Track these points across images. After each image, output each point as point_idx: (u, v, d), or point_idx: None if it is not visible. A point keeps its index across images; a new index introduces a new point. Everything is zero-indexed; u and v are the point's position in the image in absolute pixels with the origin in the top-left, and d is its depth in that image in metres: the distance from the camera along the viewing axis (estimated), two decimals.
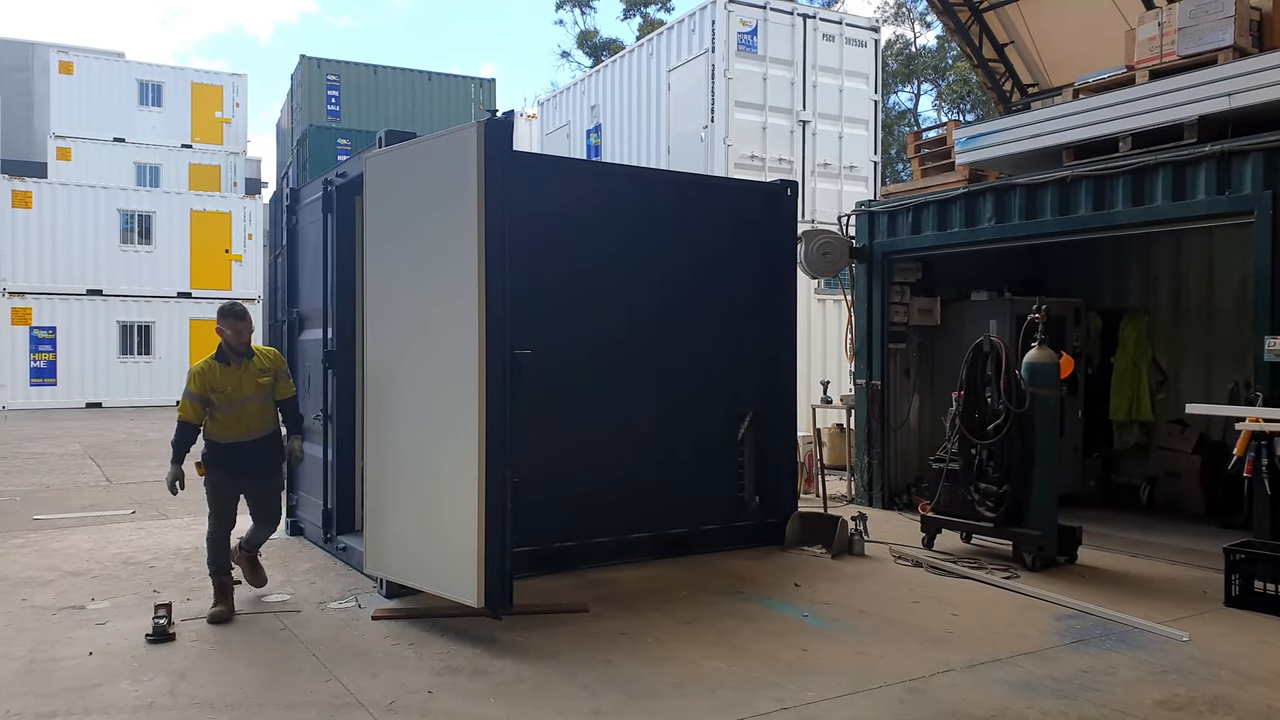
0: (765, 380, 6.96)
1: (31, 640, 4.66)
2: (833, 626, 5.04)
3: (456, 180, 4.80)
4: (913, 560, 6.52)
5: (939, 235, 8.13)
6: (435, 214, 4.98)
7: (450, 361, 4.85)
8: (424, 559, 5.04)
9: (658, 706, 3.90)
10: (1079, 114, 7.10)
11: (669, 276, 6.52)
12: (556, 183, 6.19)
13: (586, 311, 6.20)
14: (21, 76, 34.19)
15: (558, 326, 6.04)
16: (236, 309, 5.30)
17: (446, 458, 4.85)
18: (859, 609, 5.37)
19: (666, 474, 6.51)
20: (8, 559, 6.47)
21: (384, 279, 5.31)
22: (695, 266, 6.63)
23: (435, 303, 4.98)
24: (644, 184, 6.63)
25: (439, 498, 4.92)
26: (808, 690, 4.06)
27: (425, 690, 4.03)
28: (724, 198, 6.97)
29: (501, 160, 4.76)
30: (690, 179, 7.37)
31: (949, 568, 6.28)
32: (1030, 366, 6.38)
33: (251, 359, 5.26)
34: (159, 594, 5.54)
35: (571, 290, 6.14)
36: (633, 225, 6.38)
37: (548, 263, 5.95)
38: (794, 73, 12.49)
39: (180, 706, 3.85)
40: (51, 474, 10.87)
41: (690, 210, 6.64)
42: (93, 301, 22.51)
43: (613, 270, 6.29)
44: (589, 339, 6.19)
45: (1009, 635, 4.88)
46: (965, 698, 4.00)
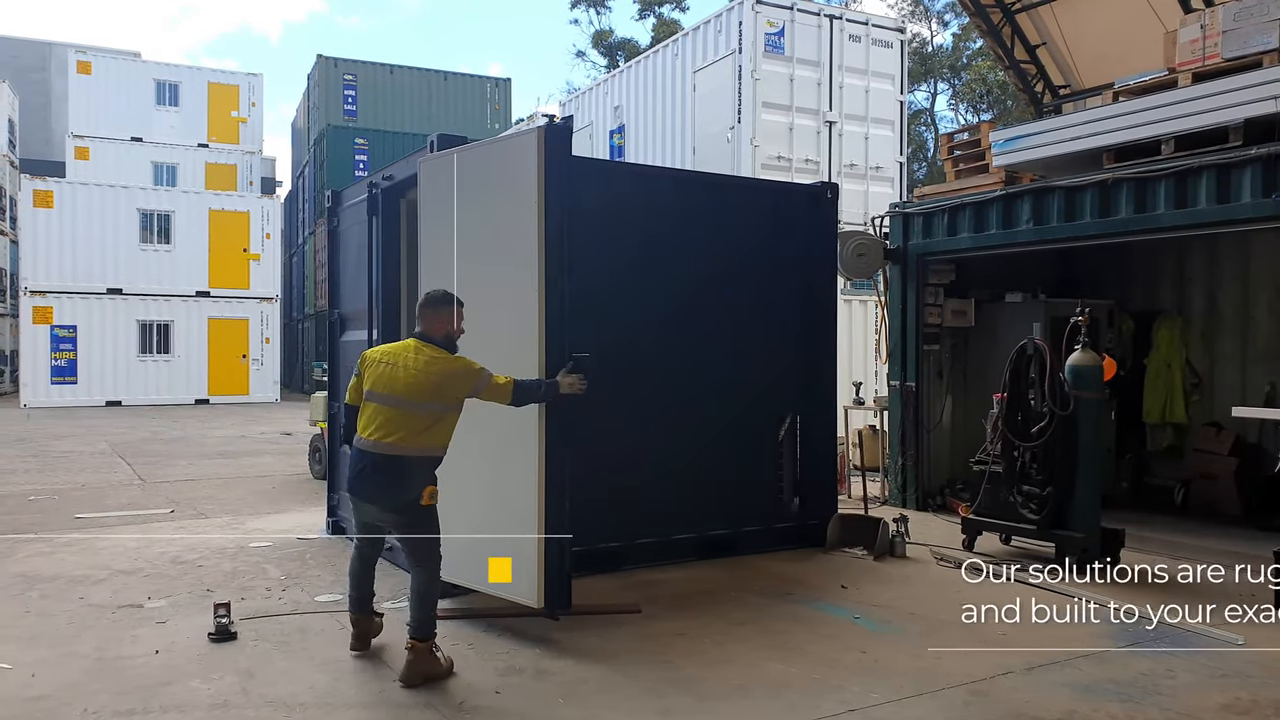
0: (806, 382, 6.99)
1: (95, 638, 4.72)
2: (885, 629, 5.06)
3: (516, 184, 4.83)
4: (955, 562, 6.54)
5: (975, 237, 8.13)
6: (493, 217, 5.02)
7: (509, 362, 4.87)
8: (480, 560, 5.08)
9: (724, 708, 3.93)
10: (1120, 116, 7.10)
11: (711, 278, 6.54)
12: (599, 184, 6.22)
13: (629, 313, 6.23)
14: (38, 76, 34.46)
15: (603, 328, 6.07)
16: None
17: (506, 459, 4.88)
18: (909, 611, 5.39)
19: (708, 475, 6.54)
20: (57, 557, 6.53)
21: (439, 281, 5.34)
22: (737, 268, 6.65)
23: (492, 305, 5.01)
24: (686, 186, 6.66)
25: (498, 500, 4.96)
26: (872, 693, 4.09)
27: (493, 691, 4.07)
28: (765, 199, 7.01)
29: (561, 164, 4.79)
30: (732, 181, 7.44)
31: (993, 569, 6.28)
32: (1074, 369, 6.39)
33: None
34: (213, 593, 5.58)
35: (614, 292, 6.16)
36: (676, 227, 6.40)
37: (589, 264, 5.98)
38: (820, 73, 12.49)
39: (254, 705, 3.90)
40: (83, 472, 10.95)
41: (732, 212, 6.67)
42: (113, 300, 22.64)
43: (655, 272, 6.32)
44: (632, 341, 6.22)
45: (1062, 638, 4.89)
46: (1029, 700, 4.02)
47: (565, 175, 4.85)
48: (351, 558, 4.64)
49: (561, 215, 4.79)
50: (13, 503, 8.78)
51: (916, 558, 6.71)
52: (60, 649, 4.55)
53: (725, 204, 6.63)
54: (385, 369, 4.27)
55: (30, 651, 4.50)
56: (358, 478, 4.30)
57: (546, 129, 4.80)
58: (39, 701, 3.88)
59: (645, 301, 6.28)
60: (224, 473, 11.07)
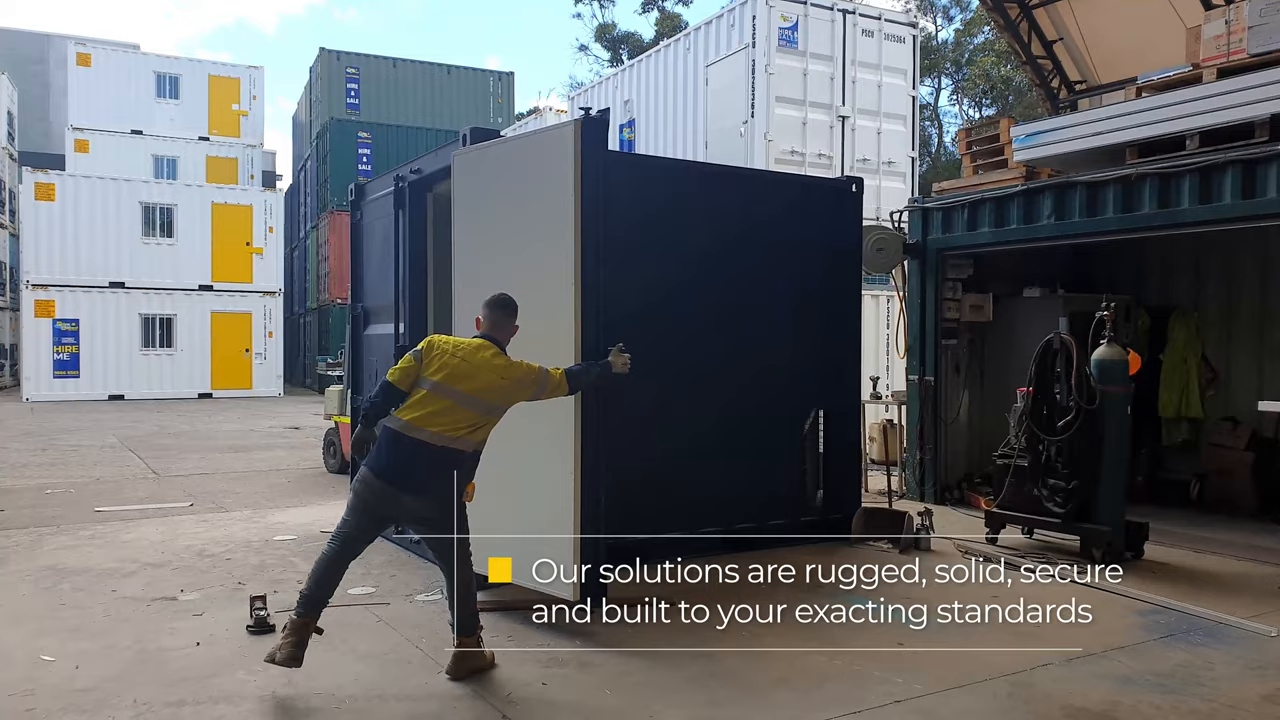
0: (830, 376, 7.00)
1: (134, 631, 4.72)
2: (919, 620, 5.08)
3: (553, 176, 4.83)
4: (981, 555, 6.56)
5: (995, 232, 8.15)
6: (528, 211, 5.02)
7: (544, 356, 4.88)
8: (514, 552, 5.09)
9: (770, 700, 3.95)
10: (1144, 112, 7.12)
11: (738, 272, 6.55)
12: (628, 179, 6.21)
13: (657, 308, 6.24)
14: (37, 69, 34.24)
15: (631, 323, 6.07)
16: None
17: (542, 453, 4.89)
18: (940, 603, 5.39)
19: (735, 469, 6.55)
20: (83, 550, 6.53)
21: (473, 275, 5.35)
22: (764, 262, 6.66)
23: (527, 298, 5.01)
24: (714, 180, 6.66)
25: (533, 494, 4.97)
26: (914, 684, 4.11)
27: (539, 682, 4.09)
28: (792, 193, 7.02)
29: (596, 158, 4.80)
30: (762, 175, 7.45)
31: (1019, 563, 6.32)
32: (1100, 363, 6.42)
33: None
34: (244, 586, 5.60)
35: (643, 287, 6.17)
36: (703, 221, 6.41)
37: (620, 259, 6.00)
38: (833, 68, 12.50)
39: (303, 697, 3.91)
40: (96, 466, 10.94)
41: (759, 206, 6.68)
42: (115, 294, 22.58)
43: (683, 266, 6.33)
44: (660, 335, 6.22)
45: (1096, 630, 4.92)
46: (1072, 692, 4.05)
47: (601, 167, 4.85)
48: (331, 551, 4.13)
49: (598, 209, 4.80)
50: (30, 496, 8.77)
51: (941, 550, 6.74)
52: (100, 641, 4.55)
53: (754, 198, 6.65)
54: (459, 364, 4.09)
55: (71, 643, 4.50)
56: (403, 468, 4.04)
57: (583, 121, 4.80)
58: (88, 693, 3.88)
59: (674, 296, 6.28)
60: (237, 467, 11.06)
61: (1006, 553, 6.59)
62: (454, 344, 4.22)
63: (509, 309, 4.34)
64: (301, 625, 4.02)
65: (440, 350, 4.16)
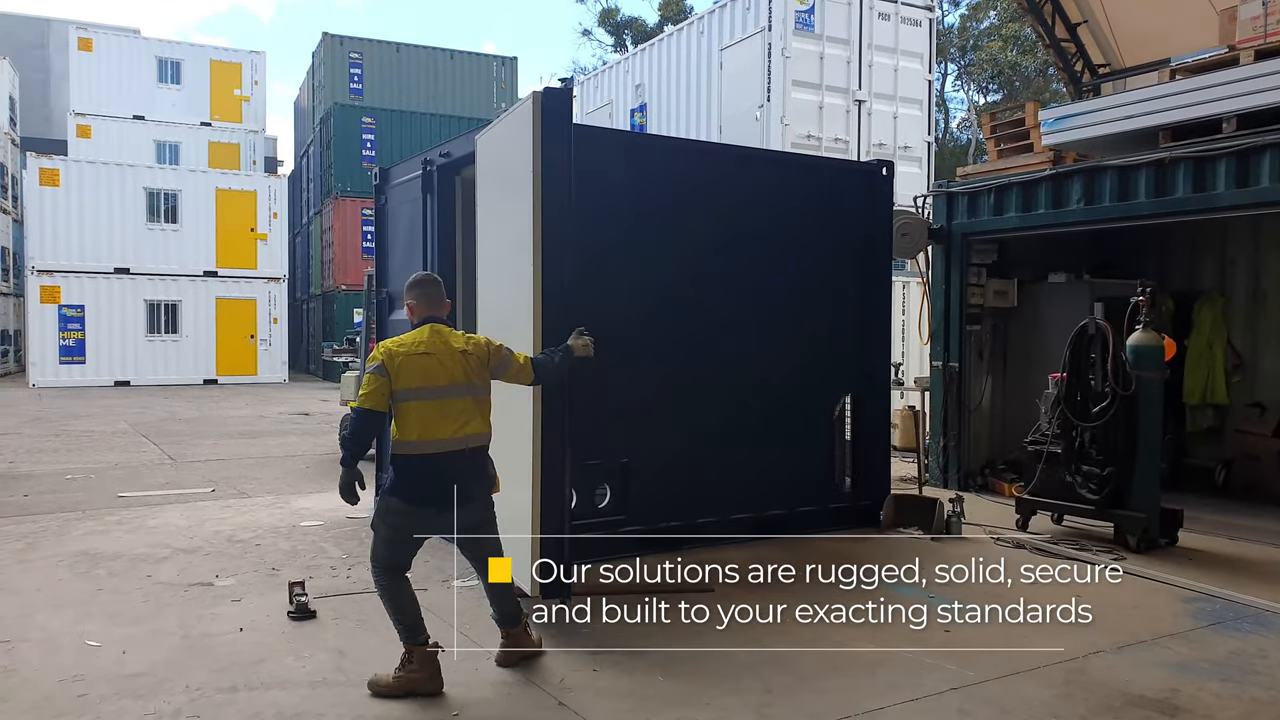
0: (860, 362, 6.96)
1: (176, 616, 4.68)
2: (963, 607, 5.03)
3: (519, 154, 4.69)
4: (1013, 542, 6.54)
5: (1023, 217, 8.09)
6: (508, 190, 4.91)
7: (513, 342, 4.72)
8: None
9: (825, 686, 3.93)
10: (1178, 95, 7.05)
11: (772, 257, 6.49)
12: (659, 161, 6.16)
13: (689, 293, 6.19)
14: (38, 54, 33.96)
15: (663, 309, 6.05)
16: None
17: (506, 448, 4.69)
18: (981, 590, 5.35)
19: (765, 455, 6.52)
20: (112, 536, 6.48)
21: (482, 260, 5.31)
22: (797, 247, 6.60)
23: (506, 283, 4.92)
24: (747, 163, 6.60)
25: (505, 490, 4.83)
26: (967, 671, 4.09)
27: (589, 669, 4.05)
28: (823, 178, 6.96)
29: (557, 130, 4.56)
30: (792, 159, 7.37)
31: (1054, 549, 6.30)
32: (1135, 349, 6.38)
33: None
34: (278, 572, 5.56)
35: (674, 273, 6.12)
36: (735, 204, 6.35)
37: (649, 243, 5.96)
38: (850, 52, 12.41)
39: (353, 683, 3.87)
40: (111, 452, 10.89)
41: (790, 190, 6.62)
42: (120, 280, 22.47)
43: (714, 250, 6.27)
44: (691, 322, 6.18)
45: (1143, 618, 4.90)
46: (1128, 679, 4.03)
47: (565, 141, 4.62)
48: (390, 584, 3.90)
49: (565, 184, 4.57)
50: (51, 481, 8.72)
51: (972, 537, 6.71)
52: (144, 626, 4.51)
53: (786, 181, 6.58)
54: (426, 360, 3.81)
55: (114, 629, 4.46)
56: (445, 485, 3.78)
57: (544, 93, 4.65)
58: (139, 678, 3.85)
59: (706, 283, 6.23)
60: (252, 453, 11.01)
61: (1038, 539, 6.57)
62: (409, 343, 3.88)
63: (438, 283, 4.11)
64: (424, 654, 3.83)
65: (400, 356, 3.80)
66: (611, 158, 5.89)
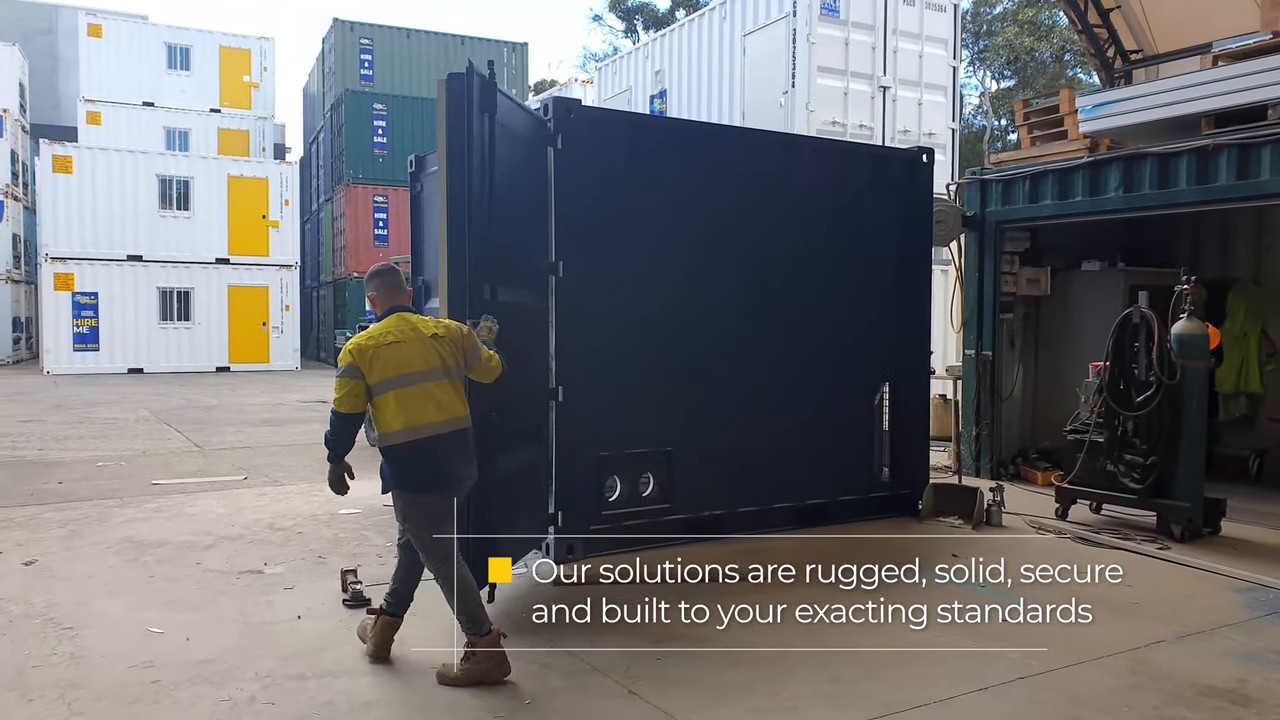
0: (900, 351, 6.93)
1: (232, 603, 4.68)
2: (1015, 597, 5.03)
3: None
4: (1055, 531, 6.53)
5: (1059, 205, 8.04)
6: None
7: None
8: None
9: (892, 677, 3.92)
10: (1222, 81, 6.98)
11: (814, 245, 6.46)
12: (704, 148, 6.12)
13: (733, 283, 6.18)
14: (46, 39, 33.79)
15: (705, 301, 6.04)
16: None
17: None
18: (1031, 578, 5.33)
19: (806, 443, 6.50)
20: (153, 523, 6.49)
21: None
22: (838, 234, 6.57)
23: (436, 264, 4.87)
24: (791, 150, 6.55)
25: None
26: (1030, 660, 4.08)
27: (653, 658, 4.05)
28: (865, 164, 6.92)
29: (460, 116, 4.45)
30: (835, 145, 7.33)
31: (1098, 539, 6.29)
32: (1180, 338, 6.34)
33: None
34: (325, 560, 5.56)
35: (720, 260, 6.10)
36: (777, 192, 6.32)
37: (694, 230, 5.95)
38: (875, 38, 12.32)
39: (417, 671, 3.87)
40: (137, 439, 10.89)
41: (833, 176, 6.58)
42: (133, 267, 22.43)
43: (758, 238, 6.25)
44: (734, 308, 6.16)
45: (1197, 608, 4.89)
46: (1194, 669, 4.01)
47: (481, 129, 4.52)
48: (453, 573, 3.82)
49: (482, 166, 4.50)
50: (82, 468, 8.73)
51: (1012, 527, 6.70)
52: (203, 614, 4.52)
53: (828, 168, 6.54)
54: (400, 349, 3.79)
55: (173, 616, 4.47)
56: (446, 466, 3.80)
57: (448, 79, 4.52)
58: (208, 664, 3.85)
59: (748, 271, 6.21)
60: (277, 440, 11.02)
61: (1081, 529, 6.55)
62: (377, 334, 3.85)
63: (396, 272, 4.13)
64: (489, 642, 3.80)
65: (370, 349, 3.79)
66: (658, 144, 5.87)
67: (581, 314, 5.50)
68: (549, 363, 5.49)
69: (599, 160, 5.51)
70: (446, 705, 3.55)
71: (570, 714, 3.49)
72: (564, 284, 5.45)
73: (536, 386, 5.42)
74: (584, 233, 5.49)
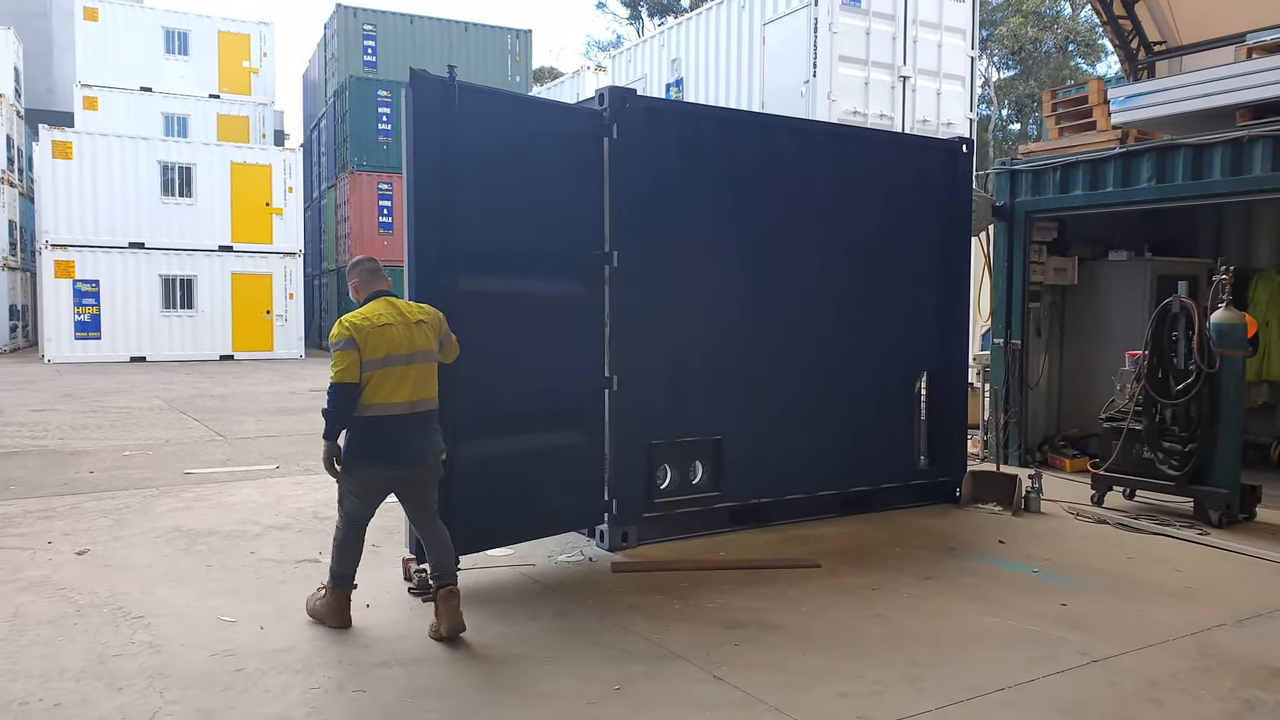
0: (940, 339, 6.98)
1: (295, 592, 4.67)
2: (1068, 582, 5.10)
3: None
4: (1094, 518, 6.60)
5: (1090, 195, 8.08)
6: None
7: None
8: None
9: (968, 660, 3.96)
10: (1258, 73, 7.02)
11: (857, 235, 6.48)
12: (747, 137, 6.11)
13: (784, 273, 6.20)
14: (40, 24, 33.45)
15: (756, 291, 6.06)
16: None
17: None
18: (1080, 565, 5.43)
19: (850, 432, 6.55)
20: (196, 512, 6.48)
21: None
22: (880, 225, 6.59)
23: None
24: (836, 140, 6.55)
25: None
26: (1098, 644, 4.13)
27: (730, 644, 4.08)
28: (905, 154, 6.92)
29: (429, 118, 4.59)
30: (876, 135, 7.35)
31: (1136, 525, 6.36)
32: (1218, 327, 6.40)
33: None
34: (378, 548, 5.53)
35: (769, 251, 6.12)
36: (825, 182, 6.33)
37: (742, 220, 5.96)
38: (895, 28, 12.30)
39: (502, 659, 3.89)
40: (157, 428, 10.85)
41: (875, 166, 6.59)
42: (135, 255, 22.25)
43: (802, 228, 6.26)
44: (779, 298, 6.18)
45: (1249, 592, 4.96)
46: (1260, 651, 4.07)
47: (430, 129, 4.61)
48: (349, 532, 4.20)
49: (443, 164, 4.63)
50: (109, 458, 8.70)
51: (1051, 513, 6.77)
52: (269, 602, 4.52)
53: (869, 158, 6.55)
54: (390, 331, 4.03)
55: (240, 605, 4.47)
56: (402, 444, 4.06)
57: (411, 76, 4.60)
58: (289, 653, 3.86)
59: (795, 261, 6.23)
60: (298, 428, 10.99)
61: (1119, 515, 6.62)
62: (371, 316, 4.07)
63: (375, 260, 4.41)
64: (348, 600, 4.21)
65: (367, 327, 4.01)
66: (712, 133, 5.86)
67: (634, 303, 5.51)
68: (602, 353, 5.50)
69: (654, 150, 5.51)
70: (540, 693, 3.57)
71: (662, 698, 3.51)
72: (617, 273, 5.45)
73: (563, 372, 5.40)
74: (637, 224, 5.49)
